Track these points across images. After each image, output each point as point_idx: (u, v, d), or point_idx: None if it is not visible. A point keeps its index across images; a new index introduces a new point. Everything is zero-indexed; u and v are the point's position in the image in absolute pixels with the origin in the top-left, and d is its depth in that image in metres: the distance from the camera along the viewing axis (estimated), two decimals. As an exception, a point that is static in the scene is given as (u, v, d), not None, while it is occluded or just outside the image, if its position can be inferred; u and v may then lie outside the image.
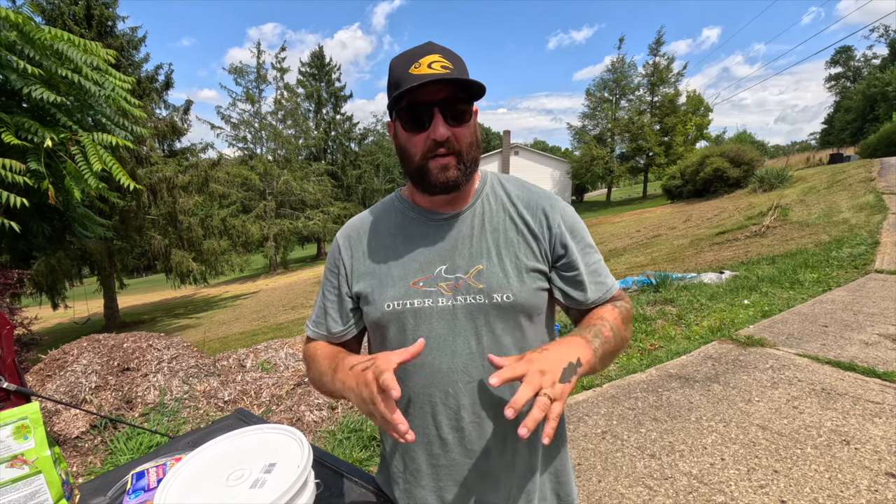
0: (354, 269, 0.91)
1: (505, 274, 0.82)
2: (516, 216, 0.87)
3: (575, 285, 0.86)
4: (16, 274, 5.18)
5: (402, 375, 0.87)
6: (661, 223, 15.97)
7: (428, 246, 0.87)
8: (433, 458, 0.86)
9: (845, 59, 58.73)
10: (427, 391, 0.84)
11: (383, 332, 0.88)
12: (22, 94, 3.99)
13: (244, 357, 3.96)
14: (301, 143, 33.32)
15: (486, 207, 0.88)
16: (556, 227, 0.85)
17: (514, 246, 0.85)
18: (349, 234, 0.95)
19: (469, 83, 0.75)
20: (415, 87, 0.72)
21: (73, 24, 13.14)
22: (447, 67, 0.75)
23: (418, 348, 0.70)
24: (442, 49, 0.78)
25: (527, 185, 0.93)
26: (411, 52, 0.78)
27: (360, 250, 0.92)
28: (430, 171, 0.79)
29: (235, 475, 0.77)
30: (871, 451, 2.25)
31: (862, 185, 12.58)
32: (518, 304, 0.82)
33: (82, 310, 14.11)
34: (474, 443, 0.84)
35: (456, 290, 0.83)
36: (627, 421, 2.79)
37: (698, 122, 36.56)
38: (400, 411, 0.65)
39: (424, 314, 0.83)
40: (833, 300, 4.71)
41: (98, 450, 2.84)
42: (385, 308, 0.85)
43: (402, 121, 0.79)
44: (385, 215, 0.94)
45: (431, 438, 0.86)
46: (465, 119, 0.78)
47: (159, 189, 13.92)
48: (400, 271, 0.86)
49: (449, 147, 0.78)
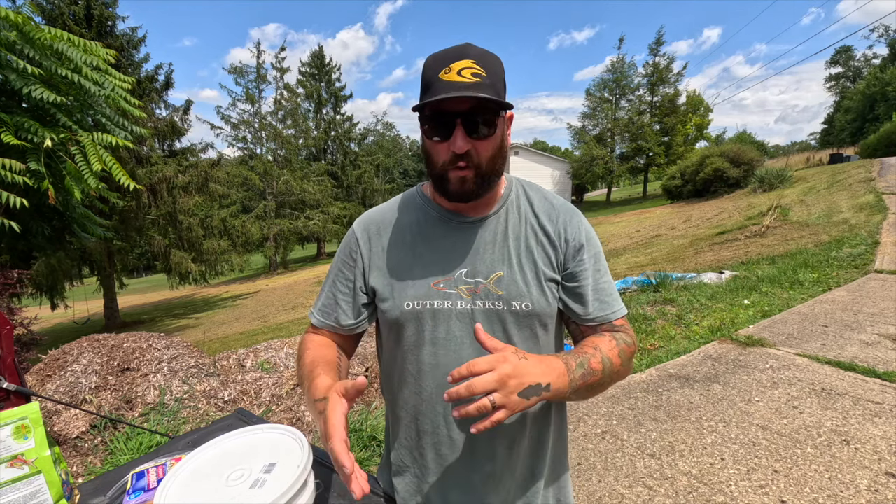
0: (373, 264, 0.90)
1: (525, 282, 0.83)
2: (538, 226, 0.88)
3: (575, 297, 0.86)
4: (16, 274, 5.18)
5: (416, 375, 0.87)
6: (661, 223, 15.97)
7: (449, 248, 0.87)
8: (441, 457, 0.86)
9: (845, 59, 58.74)
10: (439, 392, 0.84)
11: (400, 330, 0.87)
12: (22, 93, 3.98)
13: (244, 357, 3.96)
14: (301, 143, 33.33)
15: (511, 215, 0.89)
16: (573, 239, 0.87)
17: (534, 255, 0.85)
18: (368, 227, 0.94)
19: (491, 101, 0.72)
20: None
21: (72, 24, 13.14)
22: (478, 75, 0.73)
23: (360, 387, 0.66)
24: (477, 53, 0.75)
25: (548, 195, 0.94)
26: (446, 53, 0.76)
27: (379, 245, 0.91)
28: (450, 181, 0.79)
29: (235, 475, 0.77)
30: (871, 451, 2.25)
31: (862, 185, 12.58)
32: (535, 312, 0.83)
33: (82, 310, 14.09)
34: (483, 445, 0.84)
35: (475, 294, 0.83)
36: (627, 421, 2.79)
37: (698, 121, 36.59)
38: (351, 461, 0.61)
39: (443, 316, 0.84)
40: (833, 300, 4.71)
41: (98, 450, 2.84)
42: (404, 307, 0.85)
43: (426, 128, 0.79)
44: (406, 212, 0.93)
45: (441, 438, 0.86)
46: (488, 132, 0.77)
47: (159, 189, 13.92)
48: (421, 271, 0.86)
49: (468, 160, 0.77)
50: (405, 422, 0.91)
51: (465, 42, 0.78)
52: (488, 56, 0.77)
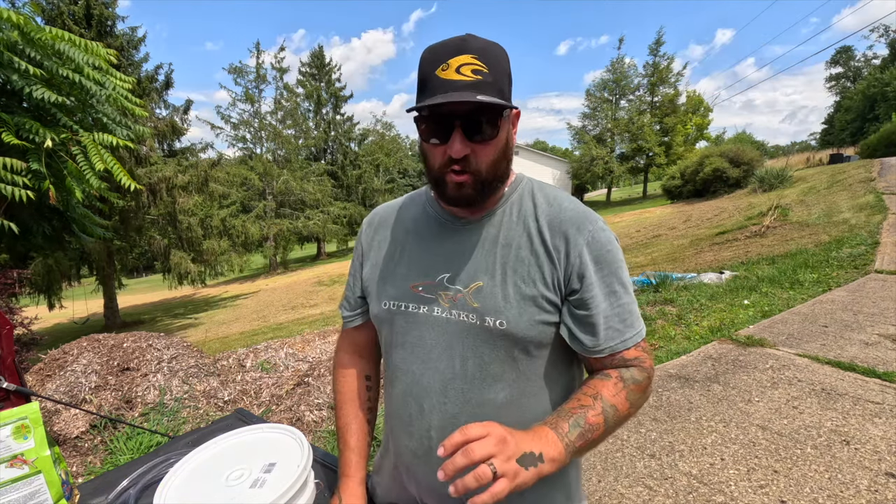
0: (369, 257, 0.90)
1: (504, 297, 0.73)
2: (535, 234, 0.76)
3: (584, 327, 0.73)
4: (15, 274, 5.18)
5: (389, 377, 0.87)
6: (661, 223, 15.97)
7: (437, 249, 0.81)
8: (408, 469, 0.83)
9: (845, 60, 58.77)
10: (405, 400, 0.81)
11: (379, 328, 0.88)
12: (22, 94, 3.99)
13: (244, 357, 3.96)
14: (301, 143, 33.31)
15: (506, 218, 0.79)
16: (577, 255, 0.73)
17: (524, 267, 0.74)
18: (373, 220, 0.94)
19: (492, 105, 0.65)
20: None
21: (72, 24, 13.12)
22: (479, 72, 0.65)
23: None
24: (479, 46, 0.67)
25: (561, 199, 0.80)
26: (443, 46, 0.67)
27: (377, 239, 0.90)
28: (447, 185, 0.72)
29: (235, 475, 0.77)
30: (871, 451, 2.25)
31: (862, 186, 12.58)
32: (510, 333, 0.72)
33: (82, 310, 14.09)
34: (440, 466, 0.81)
35: (453, 303, 0.76)
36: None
37: (698, 122, 36.58)
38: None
39: (417, 320, 0.79)
40: (833, 300, 4.71)
41: (98, 450, 2.84)
42: (381, 306, 0.84)
43: (422, 129, 0.71)
44: (409, 209, 0.90)
45: (403, 449, 0.82)
46: (489, 135, 0.69)
47: (159, 189, 13.90)
48: (404, 271, 0.83)
49: (466, 165, 0.70)
50: (384, 421, 0.93)
51: (466, 33, 0.69)
52: (491, 49, 0.68)
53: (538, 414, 0.76)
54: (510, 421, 0.65)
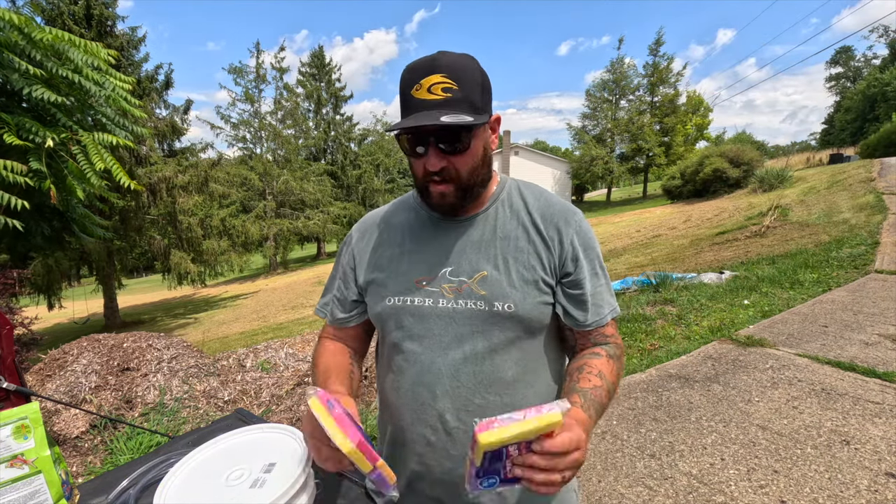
0: (363, 261, 0.93)
1: (510, 283, 0.81)
2: (530, 226, 0.85)
3: (578, 304, 0.84)
4: (15, 274, 5.18)
5: (395, 371, 0.88)
6: (661, 223, 15.96)
7: (436, 247, 0.86)
8: (419, 456, 0.86)
9: (845, 60, 58.79)
10: (416, 389, 0.84)
11: (383, 325, 0.89)
12: (22, 94, 3.99)
13: (244, 357, 3.96)
14: (301, 143, 33.32)
15: (500, 214, 0.87)
16: (569, 242, 0.83)
17: (524, 256, 0.82)
18: (362, 226, 0.98)
19: (458, 125, 0.70)
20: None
21: (72, 24, 13.12)
22: (449, 90, 0.70)
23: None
24: (447, 63, 0.72)
25: (546, 195, 0.91)
26: (417, 66, 0.73)
27: (370, 244, 0.93)
28: (431, 194, 0.80)
29: (235, 475, 0.77)
30: (871, 451, 2.25)
31: (862, 186, 12.58)
32: (518, 315, 0.80)
33: (82, 310, 14.10)
34: (458, 448, 0.83)
35: (458, 293, 0.82)
36: (627, 421, 2.79)
37: (698, 122, 36.58)
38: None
39: (424, 313, 0.83)
40: (833, 300, 4.71)
41: (98, 450, 2.84)
42: (386, 303, 0.86)
43: (403, 144, 0.78)
44: (399, 212, 0.95)
45: (416, 437, 0.85)
46: (461, 148, 0.75)
47: (159, 189, 13.92)
48: (406, 268, 0.87)
49: (445, 175, 0.76)
50: (384, 416, 0.94)
51: (438, 51, 0.74)
52: (460, 63, 0.73)
53: (540, 389, 0.86)
54: (517, 396, 0.81)
